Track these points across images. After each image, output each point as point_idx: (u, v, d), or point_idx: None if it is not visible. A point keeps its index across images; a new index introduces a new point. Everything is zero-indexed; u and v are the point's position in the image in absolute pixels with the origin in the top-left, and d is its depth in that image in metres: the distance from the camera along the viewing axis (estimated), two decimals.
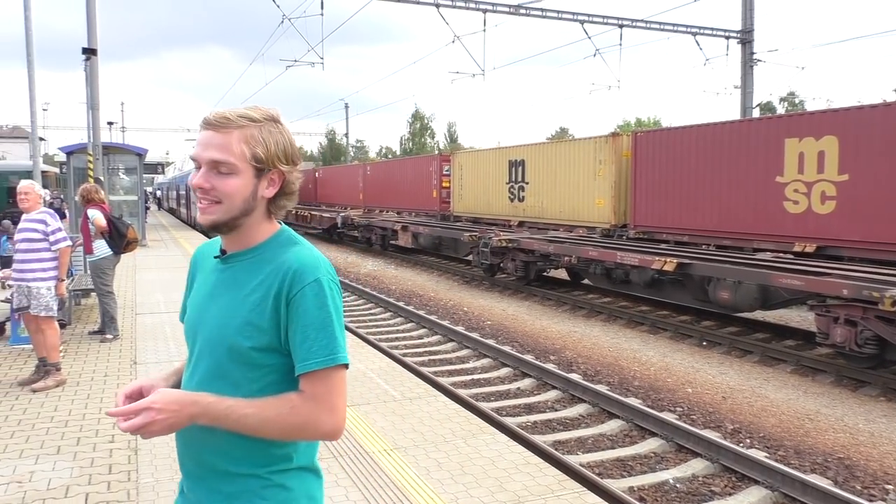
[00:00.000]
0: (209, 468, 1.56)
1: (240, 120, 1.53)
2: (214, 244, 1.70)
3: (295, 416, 1.47)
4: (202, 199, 1.53)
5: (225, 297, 1.57)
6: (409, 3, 21.16)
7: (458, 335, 10.94)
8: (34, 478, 4.23)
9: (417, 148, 71.22)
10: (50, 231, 6.42)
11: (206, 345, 1.56)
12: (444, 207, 25.55)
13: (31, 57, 15.72)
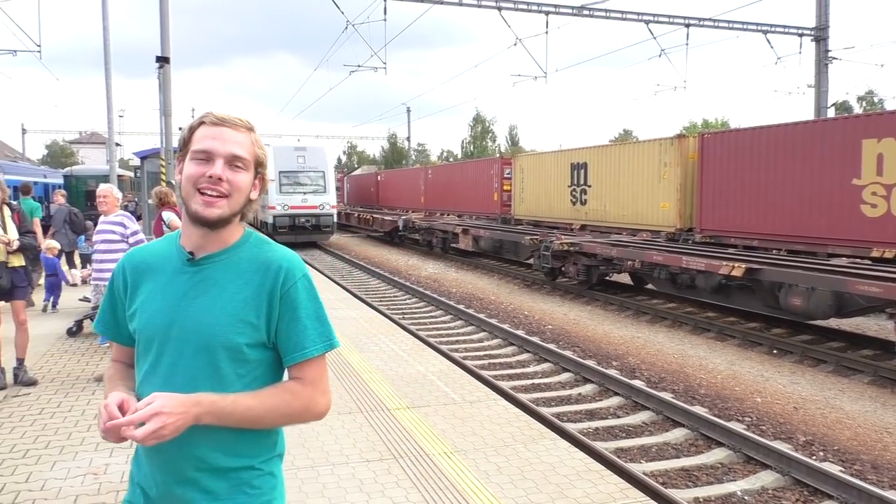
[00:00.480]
0: (205, 468, 1.58)
1: (247, 123, 1.65)
2: (149, 251, 1.72)
3: (297, 401, 1.61)
4: (210, 192, 1.57)
5: (205, 298, 1.59)
6: (470, 6, 21.21)
7: (519, 339, 10.87)
8: (108, 470, 4.40)
9: (479, 151, 71.28)
10: (129, 233, 6.69)
11: (186, 345, 1.57)
12: (504, 210, 25.48)
13: (108, 66, 16.41)
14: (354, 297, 13.30)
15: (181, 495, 1.59)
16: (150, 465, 1.62)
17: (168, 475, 1.59)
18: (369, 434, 5.05)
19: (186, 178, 1.59)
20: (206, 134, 1.60)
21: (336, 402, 5.83)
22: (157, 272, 1.66)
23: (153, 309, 1.62)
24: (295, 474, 4.32)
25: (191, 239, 1.64)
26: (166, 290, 1.62)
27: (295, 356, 1.63)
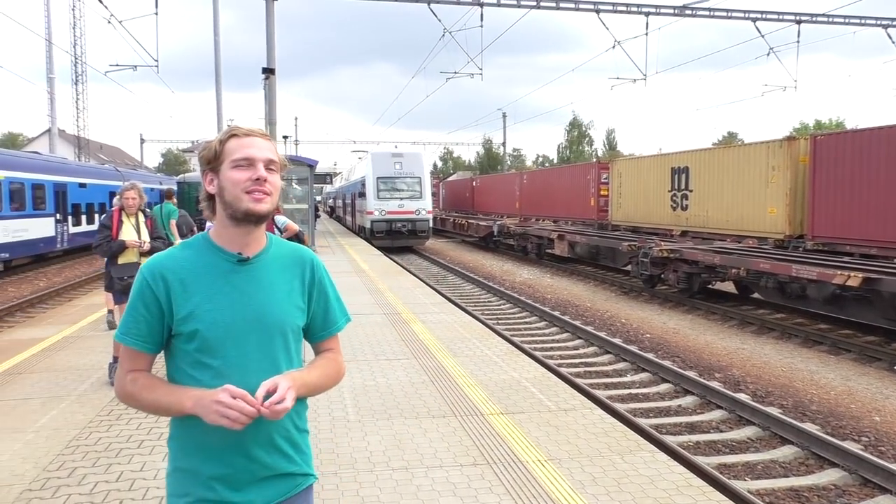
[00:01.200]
0: (285, 435, 1.84)
1: (267, 134, 1.86)
2: (175, 259, 1.81)
3: (338, 367, 1.99)
4: (258, 191, 1.77)
5: (266, 291, 1.83)
6: (568, 9, 20.99)
7: (615, 347, 10.62)
8: None
9: (575, 156, 70.35)
10: None
11: (262, 334, 1.80)
12: (601, 216, 25.00)
13: (218, 80, 17.27)
14: (449, 301, 13.39)
15: (269, 463, 1.81)
16: (232, 449, 1.76)
17: (258, 449, 1.79)
18: (463, 438, 5.06)
19: (233, 183, 1.77)
20: (241, 144, 1.80)
21: (430, 405, 5.88)
22: (205, 275, 1.79)
23: (219, 307, 1.77)
24: (390, 475, 4.38)
25: (236, 241, 1.82)
26: (226, 290, 1.79)
27: (331, 330, 1.99)
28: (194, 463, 1.78)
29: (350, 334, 8.94)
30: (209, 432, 1.71)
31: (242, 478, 1.78)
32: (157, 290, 1.76)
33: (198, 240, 1.86)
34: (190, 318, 1.75)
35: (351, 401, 6.01)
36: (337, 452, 4.78)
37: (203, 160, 1.84)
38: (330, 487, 4.21)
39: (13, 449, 4.84)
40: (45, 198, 22.83)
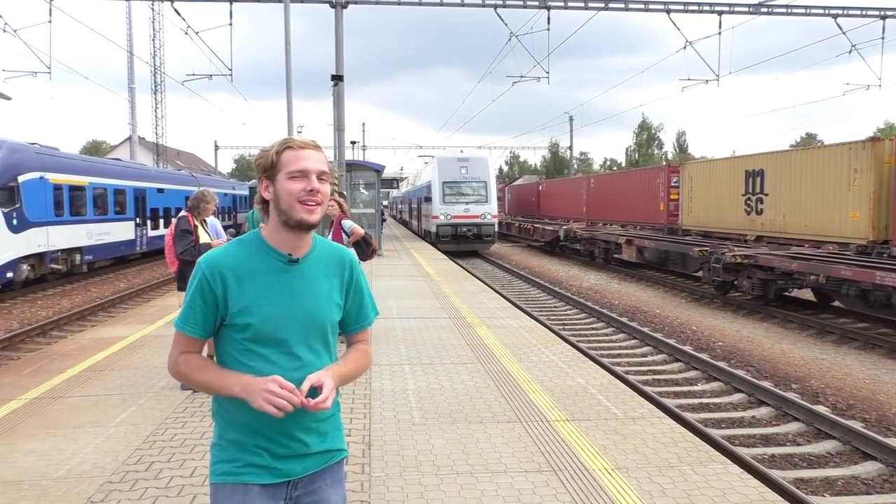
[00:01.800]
0: (322, 417, 2.01)
1: (318, 145, 1.99)
2: (232, 256, 1.96)
3: (370, 357, 2.22)
4: (311, 202, 1.92)
5: (313, 289, 1.99)
6: (637, 10, 20.63)
7: (686, 355, 10.35)
8: None
9: (644, 159, 69.04)
10: None
11: (308, 328, 1.97)
12: (671, 221, 24.44)
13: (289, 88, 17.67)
14: (514, 306, 13.32)
15: (307, 442, 1.98)
16: (274, 428, 1.92)
17: (297, 430, 1.95)
18: (528, 444, 5.01)
19: (288, 193, 1.91)
20: (296, 156, 1.92)
21: (494, 410, 5.85)
22: (259, 273, 1.95)
23: (271, 303, 1.93)
24: (454, 479, 4.37)
25: (289, 243, 1.97)
26: (277, 287, 1.95)
27: (364, 324, 2.17)
28: (240, 437, 1.94)
29: (415, 337, 8.99)
30: (252, 413, 1.86)
31: (283, 452, 1.95)
32: (214, 285, 1.92)
33: (251, 238, 2.01)
34: (244, 311, 1.91)
35: (416, 403, 6.04)
36: (402, 454, 4.81)
37: (259, 168, 1.98)
38: (395, 489, 4.23)
39: (95, 443, 5.06)
40: (126, 202, 23.86)
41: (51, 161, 18.98)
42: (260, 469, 1.94)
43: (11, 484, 4.32)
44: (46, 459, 4.73)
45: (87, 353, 8.17)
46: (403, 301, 12.30)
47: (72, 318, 13.98)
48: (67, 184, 19.58)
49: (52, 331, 12.96)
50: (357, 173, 23.21)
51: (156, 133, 47.02)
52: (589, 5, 20.25)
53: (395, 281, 15.46)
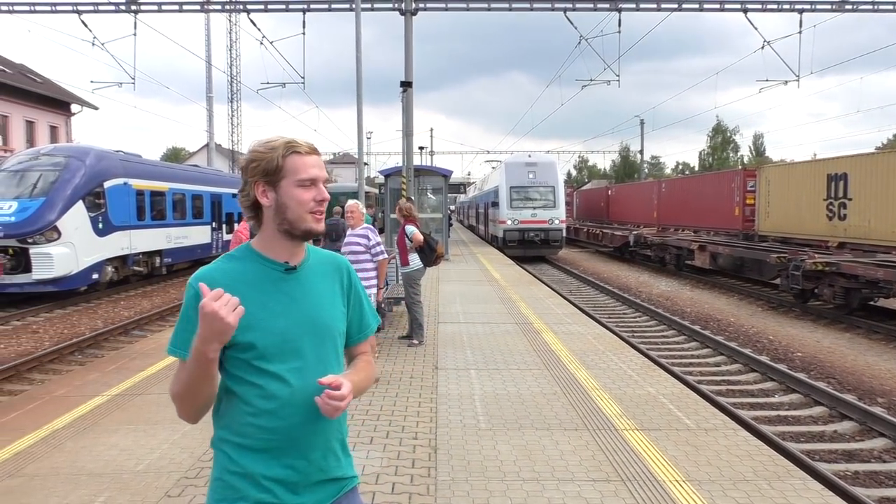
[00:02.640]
0: (338, 437, 1.88)
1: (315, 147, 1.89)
2: (223, 272, 1.80)
3: (374, 369, 2.06)
4: (320, 211, 1.84)
5: (314, 297, 1.86)
6: (712, 10, 20.12)
7: (762, 365, 9.98)
8: None
9: (718, 163, 67.11)
10: (371, 245, 7.23)
11: (314, 338, 1.83)
12: (746, 226, 23.65)
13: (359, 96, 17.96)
14: (582, 312, 13.14)
15: (323, 466, 1.83)
16: (293, 451, 1.78)
17: (316, 451, 1.81)
18: (595, 453, 4.92)
19: (298, 203, 1.79)
20: (305, 163, 1.81)
21: (562, 417, 5.78)
22: (255, 285, 1.79)
23: (272, 315, 1.78)
24: (520, 486, 4.34)
25: (286, 252, 1.84)
26: (277, 297, 1.81)
27: (366, 333, 2.04)
28: (251, 466, 1.75)
29: (482, 342, 8.98)
30: (273, 435, 1.75)
31: (299, 480, 1.79)
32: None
33: (242, 251, 1.86)
34: (246, 328, 1.71)
35: (482, 409, 6.02)
36: (468, 460, 4.80)
37: (258, 171, 1.80)
38: (461, 494, 4.22)
39: (172, 439, 5.24)
40: (203, 207, 24.72)
41: (134, 167, 19.85)
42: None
43: (95, 476, 4.52)
44: (127, 454, 4.93)
45: (165, 352, 8.48)
46: (470, 306, 12.31)
47: (152, 319, 14.57)
48: (149, 189, 20.42)
49: (134, 330, 13.53)
50: (425, 178, 23.39)
51: (231, 140, 48.61)
52: (662, 6, 19.87)
53: (462, 286, 15.48)
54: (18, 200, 16.21)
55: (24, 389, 8.93)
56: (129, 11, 19.80)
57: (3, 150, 29.62)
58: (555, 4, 20.15)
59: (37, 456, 4.89)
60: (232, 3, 21.78)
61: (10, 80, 31.59)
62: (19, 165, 17.36)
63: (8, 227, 15.71)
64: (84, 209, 17.01)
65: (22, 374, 9.99)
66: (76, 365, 10.63)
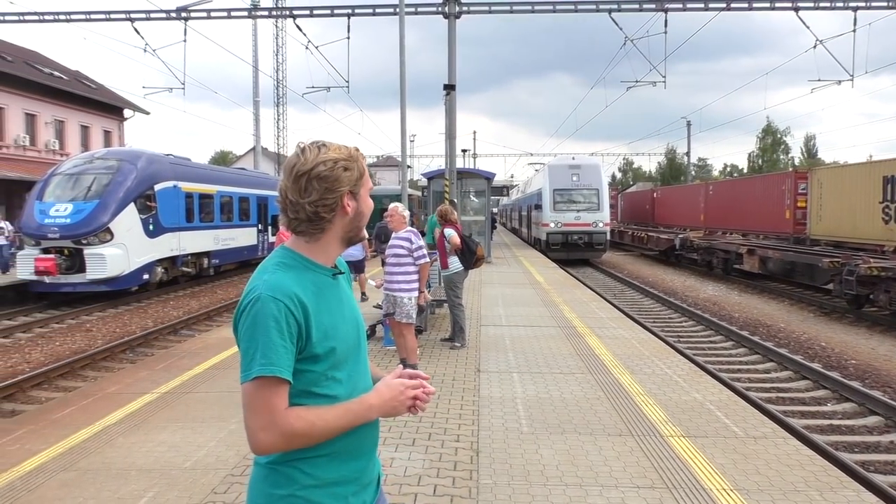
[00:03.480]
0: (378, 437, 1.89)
1: None
2: (295, 280, 1.69)
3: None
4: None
5: (351, 299, 1.88)
6: (762, 9, 19.69)
7: (814, 373, 9.70)
8: (394, 464, 4.77)
9: (768, 165, 65.58)
10: (413, 248, 7.25)
11: (360, 341, 1.85)
12: (798, 230, 23.02)
13: (403, 99, 18.07)
14: (626, 316, 12.97)
15: (377, 465, 1.89)
16: (361, 453, 1.78)
17: (374, 450, 1.85)
18: (640, 459, 4.85)
19: (369, 209, 1.83)
20: (366, 171, 1.83)
21: (605, 422, 5.71)
22: (319, 292, 1.73)
23: (341, 321, 1.78)
24: (563, 491, 4.29)
25: (332, 258, 1.82)
26: (336, 303, 1.80)
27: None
28: (326, 475, 1.70)
29: (524, 346, 8.93)
30: (343, 441, 1.70)
31: (366, 482, 1.81)
32: (297, 315, 1.64)
33: (291, 258, 1.75)
34: (325, 337, 1.68)
35: (524, 412, 5.98)
36: (510, 463, 4.77)
37: (347, 180, 1.73)
38: (502, 498, 4.20)
39: (219, 437, 5.34)
40: (250, 210, 25.16)
41: (183, 171, 20.31)
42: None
43: (145, 472, 4.63)
44: (175, 451, 5.04)
45: (212, 352, 8.65)
46: (512, 309, 12.25)
47: (199, 319, 14.88)
48: (197, 192, 20.88)
49: (182, 330, 13.83)
50: (467, 181, 23.40)
51: (277, 143, 49.39)
52: (709, 6, 19.53)
53: (504, 289, 15.43)
54: (73, 203, 16.74)
55: (78, 386, 9.21)
56: (179, 19, 20.27)
57: (60, 154, 30.62)
58: (600, 6, 19.96)
59: (90, 451, 5.03)
60: (278, 8, 22.15)
61: (66, 87, 32.66)
62: (74, 169, 17.93)
63: (64, 228, 16.24)
64: (135, 211, 17.48)
65: (76, 371, 10.30)
66: (127, 363, 10.92)
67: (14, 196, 27.24)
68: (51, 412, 6.15)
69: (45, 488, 4.34)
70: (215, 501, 4.15)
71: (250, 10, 22.73)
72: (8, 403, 8.72)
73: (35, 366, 10.64)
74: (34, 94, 30.46)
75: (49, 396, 8.97)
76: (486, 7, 20.29)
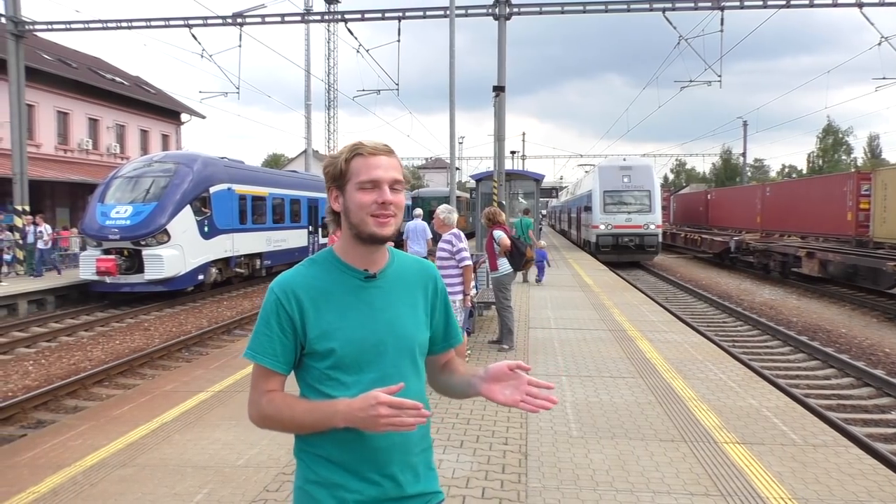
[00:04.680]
0: (418, 451, 1.82)
1: (390, 148, 1.80)
2: (304, 276, 1.76)
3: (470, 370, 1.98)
4: (384, 214, 1.73)
5: (396, 306, 1.80)
6: (824, 6, 19.09)
7: (877, 380, 9.35)
8: (441, 466, 4.77)
9: (829, 166, 63.54)
10: (455, 251, 7.24)
11: (393, 350, 1.77)
12: (860, 232, 22.25)
13: (452, 102, 18.11)
14: (679, 320, 12.71)
15: (401, 481, 1.76)
16: (370, 465, 1.73)
17: (394, 466, 1.75)
18: (693, 465, 4.74)
19: (358, 205, 1.72)
20: (366, 164, 1.73)
21: (657, 427, 5.61)
22: (335, 292, 1.75)
23: (352, 325, 1.74)
24: (613, 496, 4.23)
25: (363, 259, 1.79)
26: (357, 306, 1.76)
27: (451, 342, 1.98)
28: (329, 476, 1.74)
29: (573, 348, 8.84)
30: (342, 447, 1.71)
31: (377, 495, 1.74)
32: (290, 309, 1.72)
33: (324, 256, 1.83)
34: (324, 336, 1.72)
35: (574, 416, 5.92)
36: (559, 467, 4.72)
37: (328, 177, 1.80)
38: (552, 502, 4.16)
39: (271, 435, 5.41)
40: (301, 212, 25.56)
41: (237, 173, 20.76)
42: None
43: (200, 469, 4.73)
44: (229, 448, 5.14)
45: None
46: (561, 311, 12.15)
47: (252, 319, 15.16)
48: (250, 194, 21.30)
49: (236, 329, 14.13)
50: (516, 183, 23.31)
51: (328, 146, 50.09)
52: (768, 4, 19.02)
53: (553, 291, 15.30)
54: (133, 205, 17.27)
55: (137, 384, 9.49)
56: (235, 24, 20.73)
57: (120, 158, 31.64)
58: (653, 5, 19.63)
59: (147, 447, 5.18)
60: (330, 13, 22.43)
61: (127, 92, 33.73)
62: (134, 172, 18.50)
63: (124, 230, 16.76)
64: (191, 213, 17.93)
65: (135, 368, 10.62)
66: (183, 361, 11.21)
67: (78, 198, 28.26)
68: (111, 409, 6.35)
69: (106, 483, 4.48)
70: (267, 499, 4.22)
71: (303, 15, 23.07)
72: (71, 400, 9.04)
73: (96, 363, 11.01)
74: (97, 100, 31.55)
75: (109, 393, 9.27)
76: (537, 8, 20.16)
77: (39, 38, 26.35)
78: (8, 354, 11.78)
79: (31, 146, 25.21)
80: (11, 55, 20.31)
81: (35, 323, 14.50)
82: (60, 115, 29.75)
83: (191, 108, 38.76)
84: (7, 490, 4.37)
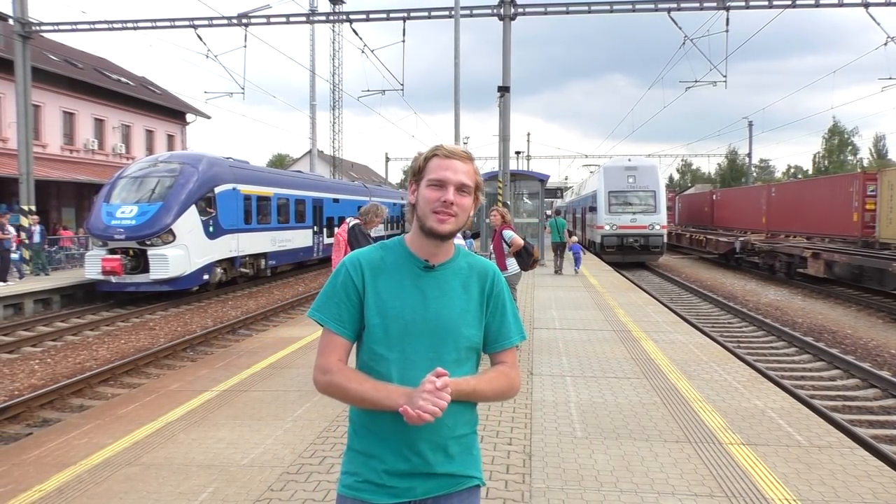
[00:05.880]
0: (451, 435, 1.91)
1: (469, 154, 1.96)
2: (372, 256, 1.98)
3: (511, 381, 2.01)
4: (444, 213, 1.89)
5: (445, 297, 1.94)
6: (829, 6, 19.03)
7: (883, 381, 9.32)
8: None
9: (835, 166, 63.38)
10: None
11: (433, 336, 1.90)
12: (866, 233, 22.19)
13: (457, 102, 18.11)
14: (684, 320, 12.69)
15: (431, 460, 1.90)
16: (402, 442, 1.88)
17: (422, 442, 1.88)
18: (698, 466, 4.73)
19: (425, 200, 1.91)
20: (440, 165, 1.92)
21: (661, 427, 5.60)
22: (394, 273, 1.95)
23: (402, 304, 1.92)
24: (618, 497, 4.22)
25: (425, 250, 1.96)
26: (410, 290, 1.93)
27: (503, 343, 2.03)
28: (366, 447, 1.92)
29: (578, 349, 8.83)
30: (385, 424, 1.87)
31: (407, 469, 1.89)
32: (356, 278, 1.93)
33: (394, 242, 2.02)
34: (376, 311, 1.91)
35: (578, 417, 5.92)
36: (563, 468, 4.72)
37: (410, 171, 2.01)
38: (556, 502, 4.16)
39: (275, 435, 5.44)
40: (306, 212, 25.58)
41: (242, 173, 20.80)
42: (376, 487, 1.89)
43: (204, 468, 4.75)
44: (234, 447, 5.15)
45: (269, 351, 8.83)
46: (566, 312, 12.14)
47: (257, 319, 15.20)
48: (255, 194, 21.34)
49: (241, 329, 14.15)
50: (521, 183, 23.27)
51: (333, 146, 50.11)
52: (773, 4, 18.96)
53: (558, 291, 15.29)
54: (138, 205, 17.32)
55: (142, 383, 9.52)
56: (240, 25, 20.76)
57: (126, 158, 31.73)
58: (658, 5, 19.60)
59: (152, 446, 5.19)
60: (335, 13, 22.45)
61: (133, 93, 33.84)
62: (139, 172, 18.55)
63: (129, 229, 16.81)
64: (196, 213, 17.97)
65: (140, 368, 10.65)
66: (188, 361, 11.24)
67: (83, 198, 28.36)
68: (116, 408, 6.37)
69: (111, 481, 4.50)
70: (272, 499, 4.23)
71: (308, 16, 23.10)
72: (77, 399, 9.07)
73: (102, 363, 11.05)
74: (103, 100, 31.65)
75: (115, 392, 9.30)
76: (542, 8, 20.14)
77: (46, 39, 26.43)
78: (14, 353, 11.83)
79: (38, 146, 25.32)
80: (18, 56, 20.39)
81: (41, 322, 14.56)
82: (66, 116, 29.86)
83: (196, 109, 38.85)
84: (13, 488, 4.39)
